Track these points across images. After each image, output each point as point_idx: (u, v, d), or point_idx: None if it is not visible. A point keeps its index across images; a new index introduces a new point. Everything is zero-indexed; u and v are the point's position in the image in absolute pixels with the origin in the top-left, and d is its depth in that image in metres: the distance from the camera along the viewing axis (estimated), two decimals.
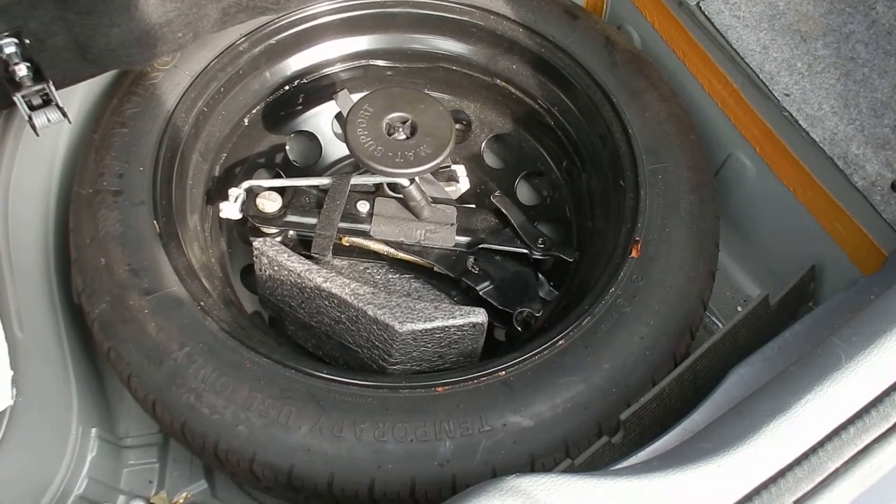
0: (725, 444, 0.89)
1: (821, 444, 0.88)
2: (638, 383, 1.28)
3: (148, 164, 1.42)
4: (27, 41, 1.17)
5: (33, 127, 1.23)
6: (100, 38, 1.23)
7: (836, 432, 0.88)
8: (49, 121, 1.23)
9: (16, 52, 1.17)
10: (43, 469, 1.25)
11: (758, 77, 1.46)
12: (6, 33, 1.14)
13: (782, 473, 0.86)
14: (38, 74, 1.20)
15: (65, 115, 1.24)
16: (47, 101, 1.23)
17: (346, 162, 1.81)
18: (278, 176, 1.71)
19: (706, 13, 1.53)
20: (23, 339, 1.21)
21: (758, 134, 1.56)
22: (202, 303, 1.30)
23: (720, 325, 1.71)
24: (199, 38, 1.40)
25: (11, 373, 1.12)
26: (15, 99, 1.19)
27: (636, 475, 0.88)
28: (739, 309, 1.73)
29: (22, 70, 1.17)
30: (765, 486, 0.86)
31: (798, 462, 0.87)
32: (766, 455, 0.87)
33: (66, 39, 1.21)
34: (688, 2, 1.55)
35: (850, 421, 0.88)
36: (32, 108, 1.21)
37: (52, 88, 1.21)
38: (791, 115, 1.42)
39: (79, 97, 1.52)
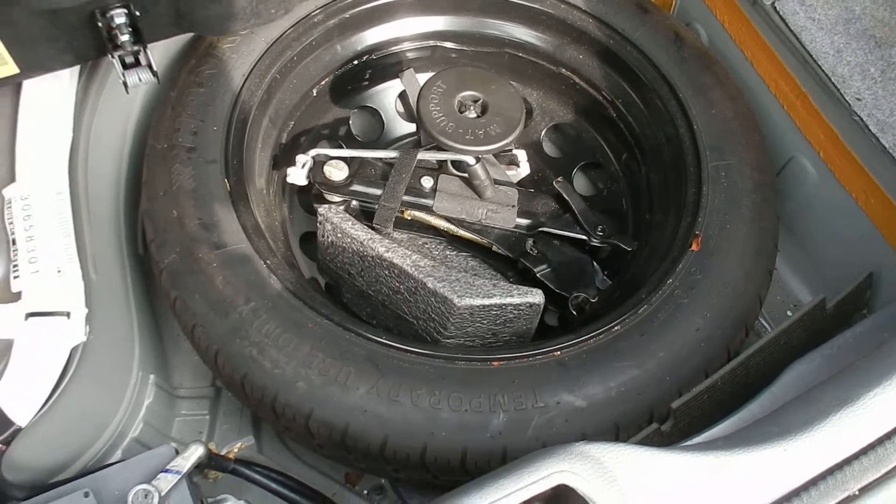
0: (792, 429, 0.90)
1: (888, 436, 0.88)
2: (691, 374, 1.29)
3: (222, 124, 1.45)
4: (136, 12, 1.22)
5: (125, 85, 1.27)
6: (200, 9, 1.28)
7: None
8: (140, 80, 1.27)
9: (125, 23, 1.22)
10: (105, 408, 1.29)
11: (829, 80, 1.46)
12: (118, 4, 1.19)
13: (848, 461, 0.87)
14: (137, 37, 1.24)
15: (155, 75, 1.28)
16: (137, 61, 1.27)
17: (407, 140, 1.84)
18: (340, 148, 1.74)
19: (781, 13, 1.53)
20: (96, 282, 1.25)
21: (823, 138, 1.55)
22: (268, 261, 1.33)
23: (770, 328, 1.71)
24: (288, 13, 1.43)
25: (86, 311, 1.16)
26: (112, 59, 1.23)
27: (702, 451, 0.89)
28: (789, 314, 1.74)
29: (125, 35, 1.22)
30: (830, 472, 0.87)
31: (864, 452, 0.87)
32: (833, 442, 0.88)
33: (167, 7, 1.25)
34: (763, 1, 1.55)
35: None
36: (126, 66, 1.25)
37: (149, 52, 1.25)
38: (861, 119, 1.42)
39: (155, 57, 1.55)
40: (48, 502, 1.06)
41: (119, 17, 1.21)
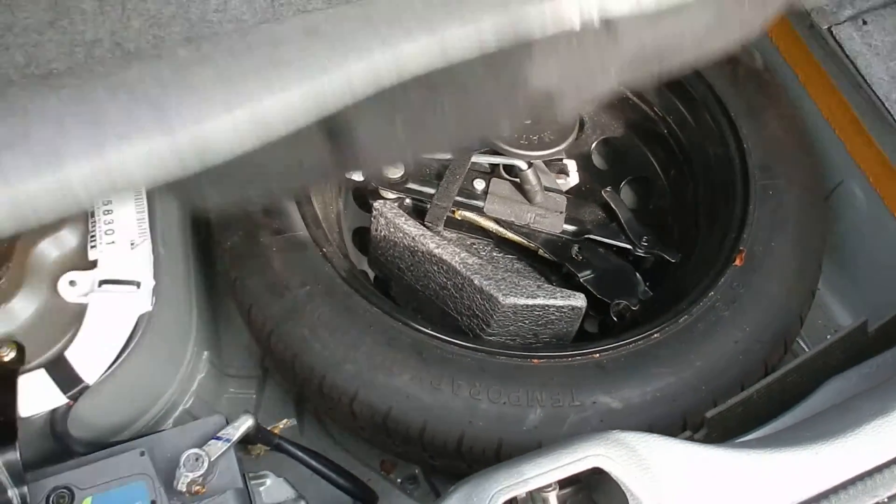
0: (825, 435, 0.92)
1: None
2: (727, 385, 1.31)
3: None
4: None
5: None
6: None
7: None
8: None
9: None
10: (162, 377, 1.36)
11: (883, 106, 1.48)
12: None
13: (879, 469, 0.89)
14: None
15: None
16: None
17: None
18: None
19: (837, 38, 1.55)
20: (163, 257, 1.32)
21: (874, 164, 1.57)
22: (324, 249, 1.39)
23: (809, 350, 1.71)
24: None
25: (154, 282, 1.23)
26: None
27: (734, 449, 0.92)
28: (829, 338, 1.74)
29: None
30: (860, 477, 0.89)
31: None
32: (865, 450, 0.90)
33: None
34: (819, 25, 1.57)
35: None
36: None
37: None
38: None
39: None
40: (107, 458, 1.13)
41: None
